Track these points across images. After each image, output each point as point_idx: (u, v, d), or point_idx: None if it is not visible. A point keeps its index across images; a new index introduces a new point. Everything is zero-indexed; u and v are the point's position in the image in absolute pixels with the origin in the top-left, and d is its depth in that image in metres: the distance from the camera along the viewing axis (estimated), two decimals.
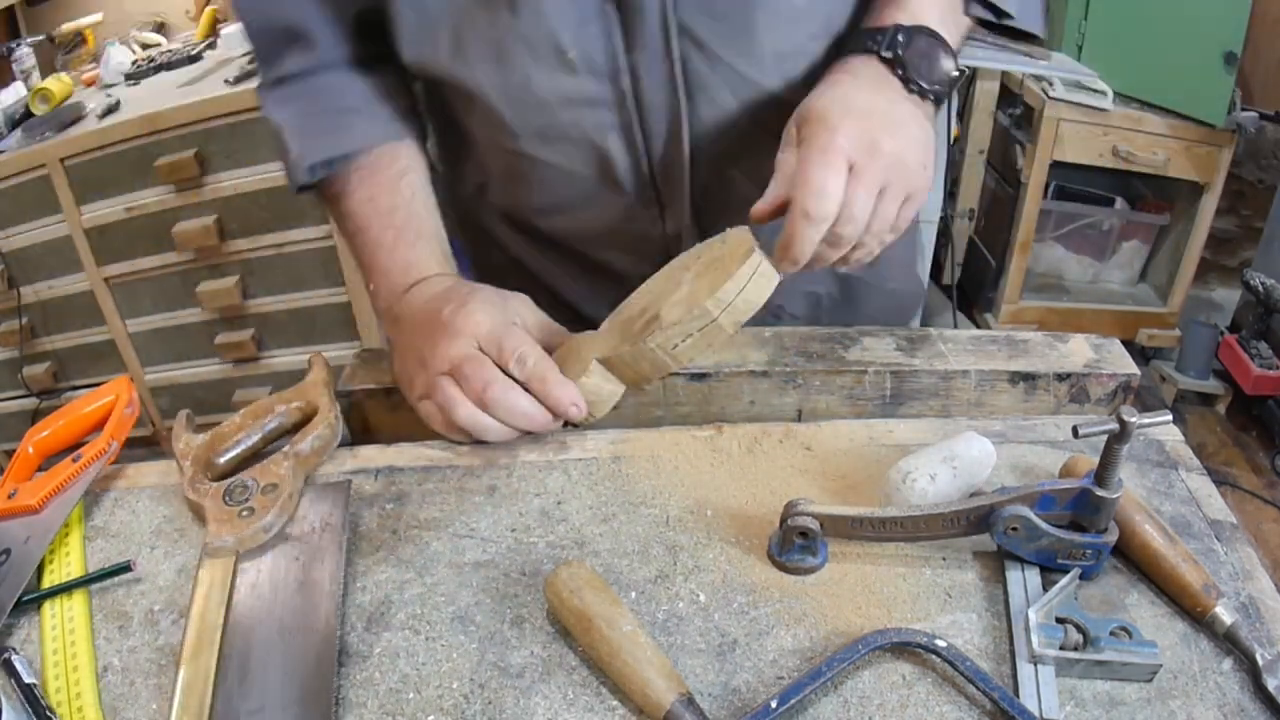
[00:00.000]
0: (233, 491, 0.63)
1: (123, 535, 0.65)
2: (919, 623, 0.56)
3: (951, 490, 0.62)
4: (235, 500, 0.63)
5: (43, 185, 2.02)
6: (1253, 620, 0.56)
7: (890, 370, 0.76)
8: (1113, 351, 0.79)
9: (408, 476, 0.68)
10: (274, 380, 2.28)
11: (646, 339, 0.66)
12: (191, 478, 0.65)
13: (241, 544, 0.61)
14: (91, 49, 2.46)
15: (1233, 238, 2.83)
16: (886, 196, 0.66)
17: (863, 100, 0.67)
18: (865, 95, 0.68)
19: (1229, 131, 2.26)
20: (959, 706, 0.51)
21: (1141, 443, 0.69)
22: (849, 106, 0.66)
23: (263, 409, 0.71)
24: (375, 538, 0.63)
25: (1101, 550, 0.57)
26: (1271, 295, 2.27)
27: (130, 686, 0.54)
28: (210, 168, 2.00)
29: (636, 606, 0.58)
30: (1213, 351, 2.46)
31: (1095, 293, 2.71)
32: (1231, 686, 0.52)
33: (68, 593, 0.60)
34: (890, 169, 0.65)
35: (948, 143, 2.28)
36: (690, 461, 0.69)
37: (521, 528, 0.64)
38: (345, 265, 2.12)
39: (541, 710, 0.52)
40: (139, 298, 2.19)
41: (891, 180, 0.66)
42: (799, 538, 0.58)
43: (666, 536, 0.63)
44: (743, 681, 0.53)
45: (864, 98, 0.68)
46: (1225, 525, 0.63)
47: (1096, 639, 0.52)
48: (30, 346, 2.28)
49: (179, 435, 0.69)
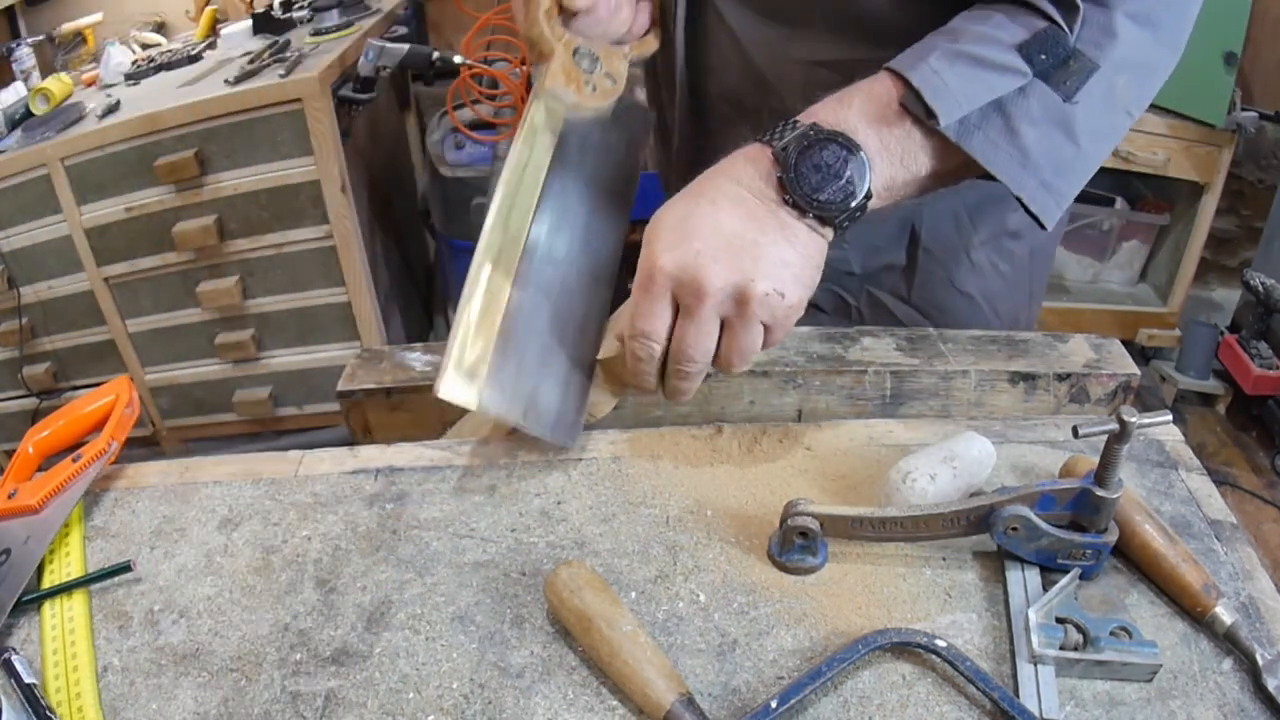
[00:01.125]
0: (581, 54, 0.66)
1: (123, 535, 0.65)
2: (919, 623, 0.56)
3: (951, 490, 0.62)
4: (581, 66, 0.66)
5: (43, 185, 2.02)
6: (1253, 620, 0.56)
7: (890, 370, 0.76)
8: (1113, 351, 0.79)
9: (408, 476, 0.68)
10: (274, 380, 2.28)
11: None
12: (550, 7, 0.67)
13: (574, 108, 0.66)
14: (91, 49, 2.46)
15: (1233, 238, 2.82)
16: (734, 330, 0.59)
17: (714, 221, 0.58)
18: (724, 213, 0.59)
19: (1229, 131, 2.26)
20: (959, 706, 0.51)
21: (1141, 443, 0.69)
22: (691, 229, 0.58)
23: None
24: (375, 538, 0.63)
25: (1101, 550, 0.57)
26: (1271, 295, 2.26)
27: (130, 686, 0.54)
28: (210, 168, 2.00)
29: (636, 606, 0.58)
30: (1213, 351, 2.46)
31: (1095, 293, 2.71)
32: (1231, 686, 0.52)
33: (68, 593, 0.60)
34: (725, 304, 0.58)
35: None
36: (690, 461, 0.69)
37: (521, 528, 0.64)
38: (345, 265, 2.12)
39: (541, 710, 0.52)
40: (139, 298, 2.19)
41: (731, 313, 0.59)
42: (799, 538, 0.58)
43: (666, 536, 0.63)
44: (743, 681, 0.53)
45: (721, 216, 0.58)
46: (1225, 525, 0.63)
47: (1096, 639, 0.52)
48: (30, 346, 2.28)
49: None
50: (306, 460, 0.71)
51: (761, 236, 0.58)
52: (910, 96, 0.59)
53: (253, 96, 1.93)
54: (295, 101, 1.92)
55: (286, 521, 0.65)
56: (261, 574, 0.62)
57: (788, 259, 0.59)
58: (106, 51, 2.25)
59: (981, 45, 0.60)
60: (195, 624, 0.58)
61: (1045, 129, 0.61)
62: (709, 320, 0.59)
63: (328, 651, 0.56)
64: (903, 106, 0.60)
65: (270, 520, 0.66)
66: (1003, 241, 0.92)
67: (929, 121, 0.59)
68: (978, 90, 0.59)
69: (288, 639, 0.57)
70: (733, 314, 0.59)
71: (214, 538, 0.64)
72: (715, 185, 0.61)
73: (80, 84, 2.27)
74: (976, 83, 0.59)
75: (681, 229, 0.58)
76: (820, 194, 0.59)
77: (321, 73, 1.94)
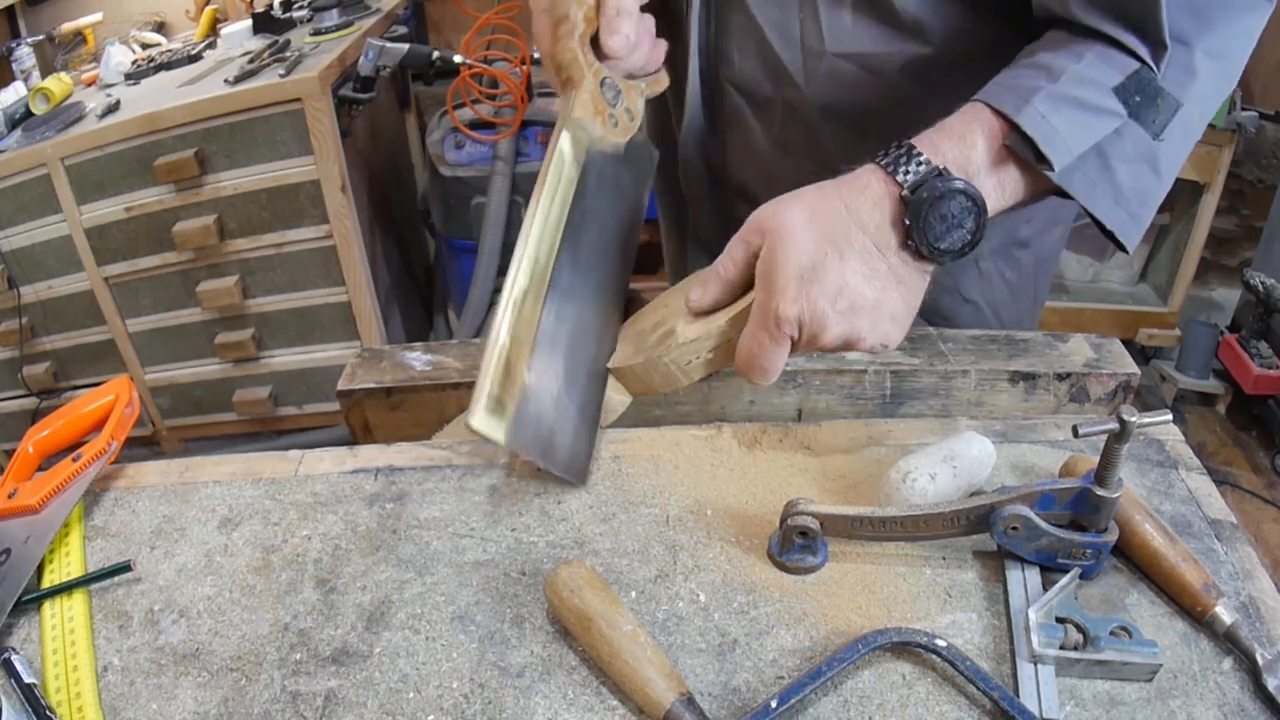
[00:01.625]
0: (607, 87, 0.66)
1: (123, 535, 0.65)
2: (919, 622, 0.56)
3: (951, 490, 0.62)
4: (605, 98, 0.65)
5: (43, 185, 2.02)
6: (1253, 620, 0.56)
7: (890, 370, 0.76)
8: (1113, 351, 0.79)
9: (408, 476, 0.68)
10: (274, 380, 2.28)
11: (661, 354, 0.66)
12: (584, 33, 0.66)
13: (598, 142, 0.65)
14: (91, 49, 2.46)
15: (1233, 238, 2.82)
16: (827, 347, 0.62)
17: (838, 269, 0.59)
18: (847, 260, 0.60)
19: (1229, 131, 2.26)
20: (959, 706, 0.51)
21: (1141, 442, 0.69)
22: (817, 273, 0.59)
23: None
24: (375, 537, 0.63)
25: (1101, 550, 0.57)
26: (1271, 295, 2.26)
27: (130, 686, 0.54)
28: (210, 168, 2.00)
29: (636, 606, 0.58)
30: (1213, 351, 2.46)
31: (1095, 292, 2.71)
32: (1231, 686, 0.52)
33: (67, 592, 0.60)
34: (831, 349, 0.62)
35: None
36: (690, 461, 0.69)
37: (521, 527, 0.64)
38: (345, 265, 2.12)
39: (541, 710, 0.52)
40: (139, 298, 2.19)
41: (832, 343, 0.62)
42: (799, 537, 0.58)
43: (666, 536, 0.63)
44: (743, 681, 0.53)
45: (845, 263, 0.59)
46: (1225, 525, 0.63)
47: (1096, 639, 0.52)
48: (30, 346, 2.28)
49: None
50: (306, 460, 0.71)
51: (882, 295, 0.61)
52: (1017, 139, 0.60)
53: (253, 96, 1.93)
54: (295, 101, 1.92)
55: (286, 521, 0.65)
56: (261, 574, 0.62)
57: (898, 313, 0.62)
58: (106, 51, 2.26)
59: (1082, 88, 0.61)
60: (195, 624, 0.58)
61: (1136, 166, 0.63)
62: (811, 348, 0.62)
63: (328, 651, 0.56)
64: (1007, 148, 0.61)
65: (270, 520, 0.66)
66: (1011, 251, 0.93)
67: (1038, 166, 0.60)
68: (1083, 135, 0.60)
69: (288, 639, 0.57)
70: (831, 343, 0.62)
71: (214, 537, 0.64)
72: (843, 231, 0.60)
73: (80, 84, 2.27)
74: (1082, 128, 0.60)
75: (809, 278, 0.59)
76: (941, 243, 0.60)
77: (321, 72, 1.94)
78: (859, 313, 0.60)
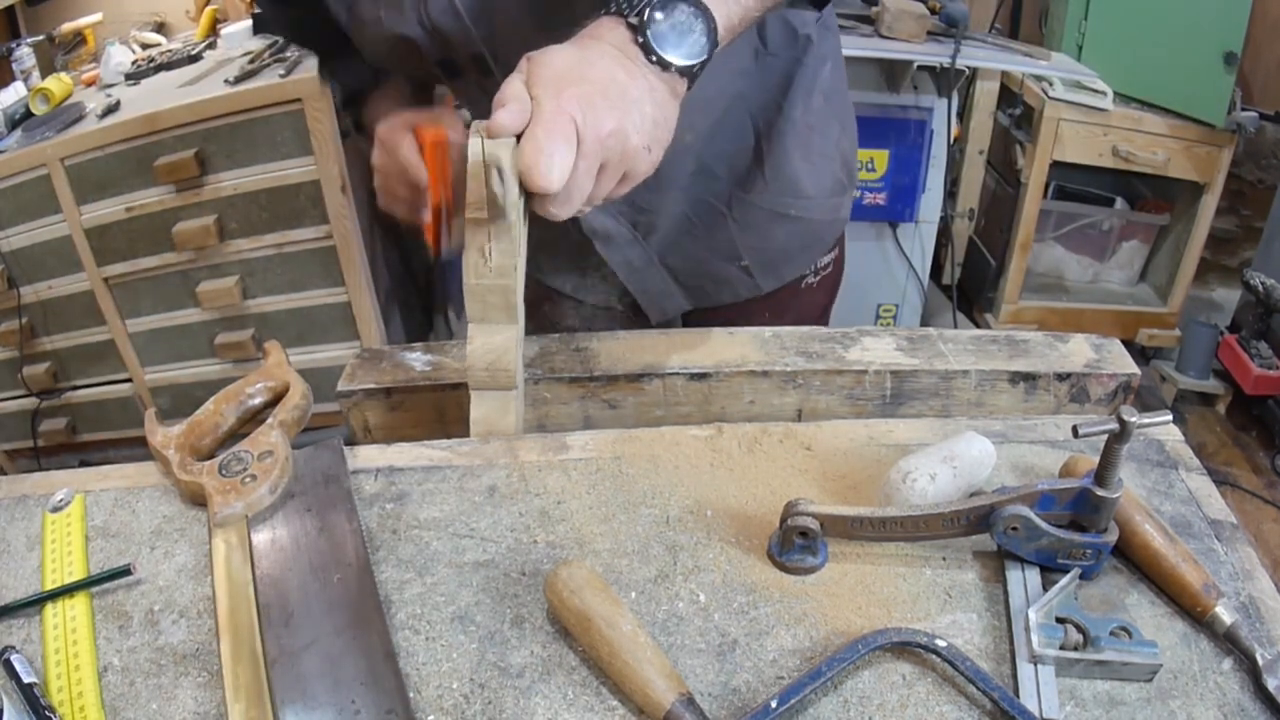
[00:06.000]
0: (228, 464, 0.65)
1: (123, 535, 0.65)
2: (919, 623, 0.56)
3: (951, 490, 0.62)
4: (232, 471, 0.65)
5: (43, 185, 2.02)
6: (1253, 620, 0.56)
7: (890, 370, 0.76)
8: (1113, 351, 0.79)
9: (408, 476, 0.68)
10: None
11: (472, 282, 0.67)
12: (180, 462, 0.67)
13: (250, 508, 0.63)
14: (91, 49, 2.46)
15: (1233, 238, 2.83)
16: (603, 175, 0.65)
17: (598, 71, 0.64)
18: (603, 65, 0.64)
19: (1229, 131, 2.26)
20: (959, 706, 0.51)
21: (1141, 443, 0.69)
22: (581, 74, 0.63)
23: (234, 393, 0.73)
24: (375, 538, 0.63)
25: (1101, 550, 0.57)
26: (1271, 295, 2.26)
27: (130, 686, 0.54)
28: (210, 168, 2.00)
29: (636, 606, 0.58)
30: (1213, 351, 2.46)
31: (1095, 293, 2.71)
32: (1231, 686, 0.52)
33: (68, 594, 0.60)
34: (611, 149, 0.63)
35: (948, 142, 2.28)
36: (690, 461, 0.69)
37: (521, 528, 0.64)
38: (345, 265, 2.12)
39: (541, 710, 0.52)
40: (139, 298, 2.19)
41: (610, 160, 0.64)
42: (799, 538, 0.58)
43: (666, 536, 0.63)
44: (743, 681, 0.53)
45: (602, 67, 0.64)
46: (1225, 525, 0.63)
47: (1096, 639, 0.52)
48: (30, 346, 2.27)
49: (153, 431, 0.71)
50: None
51: (639, 93, 0.65)
52: None
53: (253, 96, 1.92)
54: (295, 101, 1.92)
55: None
56: None
57: (655, 118, 0.65)
58: (106, 51, 2.25)
59: None
60: (195, 624, 0.58)
61: None
62: (594, 159, 0.63)
63: None
64: None
65: None
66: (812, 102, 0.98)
67: None
68: None
69: None
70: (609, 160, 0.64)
71: None
72: (589, 45, 0.65)
73: (80, 84, 2.27)
74: None
75: (577, 75, 0.63)
76: (679, 50, 0.65)
77: None
78: (629, 104, 0.63)
